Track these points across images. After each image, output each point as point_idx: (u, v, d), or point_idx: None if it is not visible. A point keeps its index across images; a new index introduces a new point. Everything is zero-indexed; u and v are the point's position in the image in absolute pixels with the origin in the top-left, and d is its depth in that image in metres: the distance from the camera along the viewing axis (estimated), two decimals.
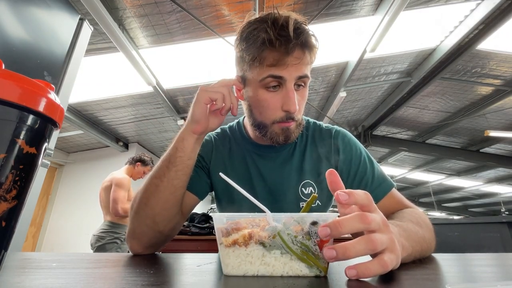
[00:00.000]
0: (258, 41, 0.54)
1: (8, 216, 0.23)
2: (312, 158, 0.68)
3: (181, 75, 3.12)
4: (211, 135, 0.75)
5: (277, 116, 0.58)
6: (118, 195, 2.28)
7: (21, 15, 1.08)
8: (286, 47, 0.53)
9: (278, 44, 0.53)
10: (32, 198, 1.22)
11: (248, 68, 0.59)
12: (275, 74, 0.55)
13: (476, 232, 2.07)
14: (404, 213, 0.54)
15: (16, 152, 0.23)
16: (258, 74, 0.56)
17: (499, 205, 9.65)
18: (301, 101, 0.59)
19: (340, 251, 0.28)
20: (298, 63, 0.55)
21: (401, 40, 2.95)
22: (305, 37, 0.55)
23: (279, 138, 0.60)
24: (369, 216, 0.30)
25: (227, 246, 0.33)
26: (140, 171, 2.58)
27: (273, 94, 0.57)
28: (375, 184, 0.63)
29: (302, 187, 0.65)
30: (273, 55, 0.54)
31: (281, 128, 0.59)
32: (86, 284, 0.28)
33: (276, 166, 0.67)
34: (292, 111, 0.56)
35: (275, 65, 0.54)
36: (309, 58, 0.57)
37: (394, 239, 0.31)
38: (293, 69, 0.55)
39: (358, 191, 0.31)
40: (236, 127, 0.77)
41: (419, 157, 6.05)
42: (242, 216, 0.34)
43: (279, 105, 0.57)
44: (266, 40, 0.53)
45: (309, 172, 0.66)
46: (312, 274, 0.32)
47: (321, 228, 0.29)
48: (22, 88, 0.23)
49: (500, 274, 0.36)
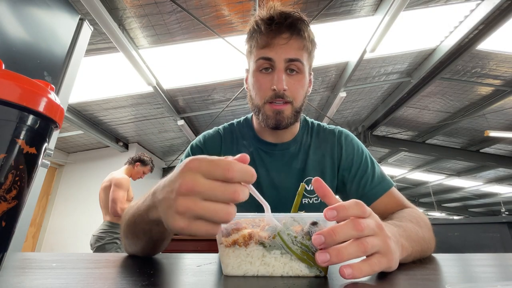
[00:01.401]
0: (250, 32, 0.62)
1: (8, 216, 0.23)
2: (315, 156, 0.69)
3: (181, 75, 3.12)
4: (219, 130, 0.76)
5: (267, 95, 0.61)
6: (117, 195, 2.28)
7: (21, 15, 1.09)
8: (271, 28, 0.58)
9: (264, 27, 0.59)
10: (32, 198, 1.22)
11: (249, 57, 0.65)
12: (264, 55, 0.60)
13: (476, 232, 2.07)
14: (403, 213, 0.55)
15: (16, 152, 0.23)
16: (253, 59, 0.62)
17: (499, 205, 9.65)
18: (296, 85, 0.61)
19: (333, 253, 0.29)
20: (285, 44, 0.59)
21: (401, 40, 2.95)
22: (292, 20, 0.59)
23: (270, 121, 0.62)
24: (362, 223, 0.30)
25: (227, 246, 0.33)
26: (140, 171, 2.58)
27: (265, 75, 0.62)
28: (375, 182, 0.65)
29: (306, 184, 0.66)
30: (262, 38, 0.60)
31: (273, 111, 0.61)
32: (86, 284, 0.28)
33: (282, 163, 0.69)
34: (278, 88, 0.59)
35: (265, 47, 0.60)
36: (300, 44, 0.60)
37: (388, 242, 0.32)
38: (281, 51, 0.59)
39: (349, 202, 0.31)
40: (244, 123, 0.78)
41: (419, 157, 6.06)
42: (242, 217, 0.34)
43: (269, 85, 0.60)
44: (256, 26, 0.61)
45: (312, 169, 0.68)
46: (312, 274, 0.32)
47: (315, 237, 0.30)
48: (22, 88, 0.23)
49: (500, 274, 0.36)
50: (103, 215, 2.40)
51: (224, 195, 0.26)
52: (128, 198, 2.43)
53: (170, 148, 5.29)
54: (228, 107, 3.82)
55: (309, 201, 0.66)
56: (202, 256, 0.50)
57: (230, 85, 3.41)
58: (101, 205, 2.40)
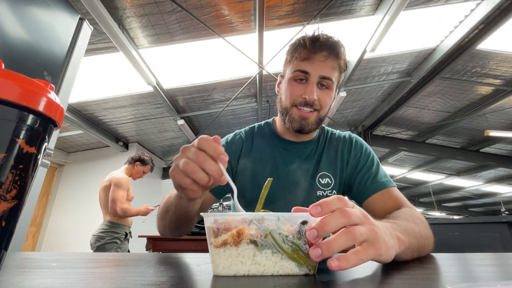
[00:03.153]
0: (295, 45, 0.71)
1: (8, 216, 0.23)
2: (329, 155, 0.78)
3: (181, 75, 3.12)
4: (240, 133, 0.83)
5: (297, 100, 0.70)
6: (117, 195, 2.27)
7: (21, 15, 1.08)
8: (314, 45, 0.67)
9: (309, 43, 0.68)
10: (32, 198, 1.22)
11: (287, 65, 0.73)
12: (302, 68, 0.68)
13: (476, 232, 2.07)
14: (400, 212, 0.56)
15: (16, 151, 0.23)
16: (291, 69, 0.71)
17: (499, 205, 9.65)
18: (324, 97, 0.70)
19: (324, 247, 0.30)
20: (323, 61, 0.67)
21: (401, 40, 2.95)
22: (332, 43, 0.68)
23: (296, 124, 0.71)
24: (349, 210, 0.31)
25: (216, 246, 0.33)
26: (140, 170, 2.58)
27: (299, 85, 0.70)
28: (377, 178, 0.70)
29: (319, 178, 0.75)
30: (305, 52, 0.68)
31: (299, 115, 0.70)
32: (86, 284, 0.28)
33: (301, 160, 0.77)
34: (309, 98, 0.67)
35: (304, 60, 0.68)
36: (335, 64, 0.68)
37: (375, 230, 0.32)
38: (318, 67, 0.67)
39: (331, 197, 0.32)
40: (265, 125, 0.86)
41: (419, 157, 6.06)
42: (232, 216, 0.34)
43: (300, 93, 0.69)
44: (302, 41, 0.69)
45: (325, 166, 0.76)
46: (302, 272, 0.33)
47: (308, 232, 0.30)
48: (22, 87, 0.23)
49: (500, 274, 0.36)
50: (103, 215, 2.40)
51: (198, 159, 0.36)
52: (128, 198, 2.42)
53: (170, 147, 5.29)
54: (228, 106, 3.82)
55: (323, 193, 0.73)
56: (202, 256, 0.50)
57: (230, 84, 3.41)
58: (101, 205, 2.40)
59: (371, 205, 0.68)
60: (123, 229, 2.38)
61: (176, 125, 4.16)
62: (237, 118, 4.43)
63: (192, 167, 0.36)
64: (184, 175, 0.37)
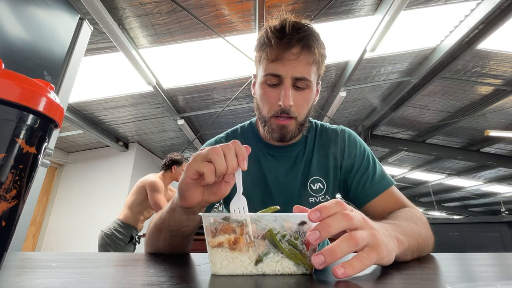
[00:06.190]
0: (261, 43, 0.62)
1: (8, 216, 0.23)
2: (319, 156, 0.71)
3: (181, 75, 3.12)
4: (222, 138, 0.76)
5: (274, 109, 0.62)
6: (158, 198, 2.24)
7: (21, 15, 1.08)
8: (281, 42, 0.58)
9: (274, 41, 0.58)
10: (32, 198, 1.22)
11: (257, 65, 0.66)
12: (273, 72, 0.60)
13: (476, 232, 2.07)
14: (400, 212, 0.55)
15: (16, 151, 0.23)
16: (262, 71, 0.63)
17: (499, 205, 9.64)
18: (302, 100, 0.62)
19: (327, 254, 0.29)
20: (294, 59, 0.58)
21: (401, 39, 2.94)
22: (302, 35, 0.58)
23: (275, 135, 0.64)
24: (349, 213, 0.31)
25: (213, 247, 0.33)
26: (179, 172, 2.47)
27: (272, 89, 0.62)
28: (375, 180, 0.66)
29: (311, 183, 0.69)
30: (272, 51, 0.59)
31: (277, 125, 0.63)
32: (86, 284, 0.28)
33: (289, 166, 0.71)
34: (284, 105, 0.60)
35: (274, 61, 0.59)
36: (309, 59, 0.59)
37: (375, 234, 0.32)
38: (290, 67, 0.59)
39: (330, 202, 0.32)
40: (249, 127, 0.79)
41: (419, 157, 6.05)
42: (230, 215, 0.34)
43: (276, 100, 0.61)
44: (266, 38, 0.60)
45: (316, 169, 0.70)
46: (299, 272, 0.33)
47: (310, 233, 0.30)
48: (22, 87, 0.23)
49: (500, 274, 0.36)
50: (120, 212, 2.39)
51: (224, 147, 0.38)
52: (167, 198, 2.39)
53: (170, 147, 5.29)
54: (228, 106, 3.82)
55: (315, 199, 0.68)
56: (202, 256, 0.50)
57: (230, 84, 3.41)
58: (126, 202, 2.41)
59: (372, 208, 0.65)
60: (130, 231, 2.35)
61: (176, 125, 4.16)
62: (237, 118, 4.43)
63: (217, 151, 0.37)
64: (205, 162, 0.37)
